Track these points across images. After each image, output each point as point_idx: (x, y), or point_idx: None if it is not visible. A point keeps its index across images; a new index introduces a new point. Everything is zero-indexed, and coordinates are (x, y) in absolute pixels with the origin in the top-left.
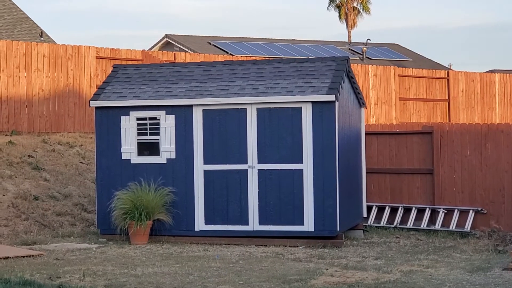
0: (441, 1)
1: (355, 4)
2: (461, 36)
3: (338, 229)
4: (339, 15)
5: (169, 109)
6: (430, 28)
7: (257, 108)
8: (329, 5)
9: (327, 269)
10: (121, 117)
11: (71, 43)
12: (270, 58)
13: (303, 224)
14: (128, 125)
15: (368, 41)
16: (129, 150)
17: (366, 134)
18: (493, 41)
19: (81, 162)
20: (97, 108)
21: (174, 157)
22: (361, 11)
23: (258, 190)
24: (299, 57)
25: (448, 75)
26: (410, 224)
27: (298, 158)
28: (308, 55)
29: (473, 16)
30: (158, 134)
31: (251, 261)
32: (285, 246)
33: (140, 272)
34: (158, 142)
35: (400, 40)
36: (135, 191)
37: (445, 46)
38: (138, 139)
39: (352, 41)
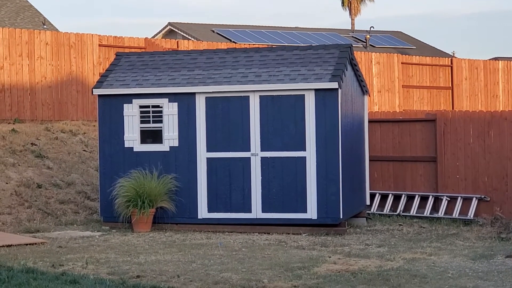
0: None
1: None
2: (465, 23)
3: (341, 217)
4: (342, 3)
5: (172, 97)
6: (433, 16)
7: (260, 95)
8: None
9: (330, 257)
10: (124, 105)
11: (74, 31)
12: (273, 46)
13: (306, 212)
14: (131, 113)
15: (372, 28)
16: (132, 138)
17: (369, 121)
18: (497, 28)
19: (84, 150)
20: (100, 96)
21: (177, 145)
22: None
23: (261, 178)
24: (302, 44)
25: (451, 63)
26: (413, 211)
27: (301, 145)
28: (311, 43)
29: (476, 3)
30: (161, 122)
31: (254, 248)
32: (288, 233)
33: (143, 260)
34: (161, 130)
35: (403, 27)
36: (138, 179)
37: (449, 33)
38: (141, 127)
39: (355, 28)
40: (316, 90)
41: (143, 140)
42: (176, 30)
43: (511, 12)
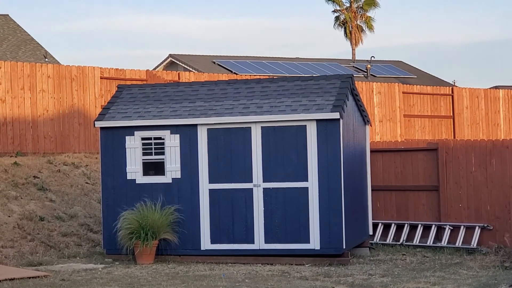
0: (444, 18)
1: (358, 22)
2: (465, 52)
3: (344, 247)
4: (345, 33)
5: (173, 128)
6: (434, 45)
7: (261, 126)
8: (335, 23)
9: (333, 287)
10: (126, 137)
11: (75, 63)
12: (275, 77)
13: (309, 242)
14: (133, 145)
15: (372, 58)
16: (134, 170)
17: (371, 151)
18: (497, 57)
19: (86, 183)
20: (102, 128)
21: (179, 177)
22: (364, 29)
23: (263, 208)
24: (303, 75)
25: (452, 92)
26: (416, 241)
27: (303, 176)
28: (312, 73)
29: (476, 32)
30: (163, 153)
31: (257, 280)
32: (291, 264)
33: None
34: (163, 162)
35: (404, 57)
36: (140, 210)
37: (449, 62)
38: (143, 159)
39: (356, 58)
40: (317, 120)
41: (146, 172)
42: (177, 62)
43: (510, 41)
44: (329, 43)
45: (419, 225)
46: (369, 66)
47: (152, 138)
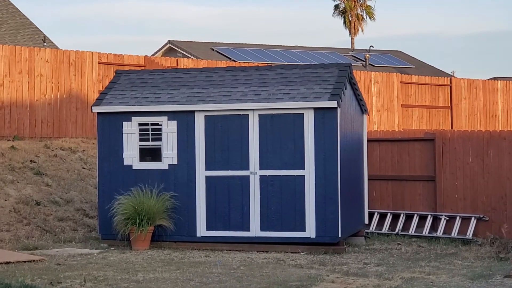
0: (444, 8)
1: (359, 11)
2: (464, 43)
3: (339, 236)
4: (344, 22)
5: (171, 115)
6: (433, 35)
7: (259, 114)
8: (334, 12)
9: (328, 276)
10: (123, 122)
11: (74, 48)
12: (273, 65)
13: (304, 231)
14: (130, 131)
15: (371, 48)
16: (131, 155)
17: (368, 140)
18: (496, 48)
19: (83, 168)
20: (99, 113)
21: (176, 163)
22: (365, 17)
23: (259, 196)
24: (301, 63)
25: (450, 82)
26: (411, 231)
27: (300, 164)
28: (311, 61)
29: (476, 23)
30: (160, 139)
31: (252, 267)
32: (287, 252)
33: (141, 278)
34: (160, 148)
35: (403, 47)
36: (136, 196)
37: (448, 53)
38: (140, 145)
39: (355, 47)
40: (315, 109)
41: (142, 158)
42: (176, 48)
43: (510, 32)
44: (328, 32)
45: (415, 215)
46: (367, 55)
47: (149, 124)
